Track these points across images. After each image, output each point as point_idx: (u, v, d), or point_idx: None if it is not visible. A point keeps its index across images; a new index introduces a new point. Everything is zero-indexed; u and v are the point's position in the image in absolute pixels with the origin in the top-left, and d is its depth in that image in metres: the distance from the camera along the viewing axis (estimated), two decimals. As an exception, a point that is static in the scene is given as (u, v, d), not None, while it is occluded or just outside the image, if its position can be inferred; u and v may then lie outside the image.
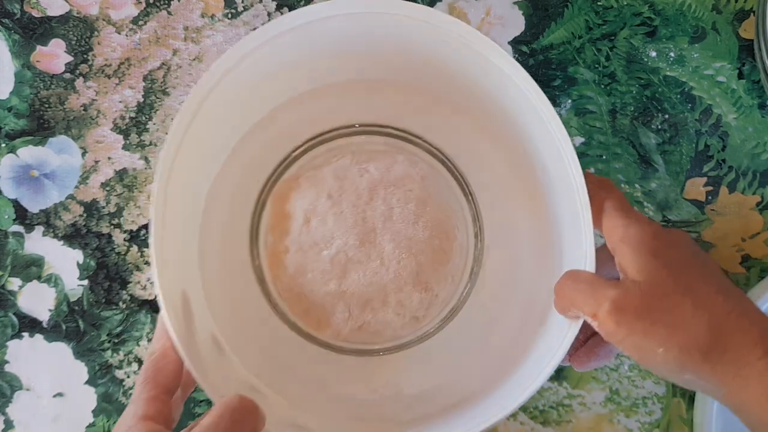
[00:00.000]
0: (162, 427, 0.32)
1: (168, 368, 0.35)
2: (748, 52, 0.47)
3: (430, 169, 0.43)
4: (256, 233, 0.43)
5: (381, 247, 0.41)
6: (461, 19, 0.47)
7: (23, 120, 0.48)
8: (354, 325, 0.41)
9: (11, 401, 0.47)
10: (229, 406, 0.32)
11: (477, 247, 0.43)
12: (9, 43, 0.48)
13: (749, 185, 0.47)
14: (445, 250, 0.42)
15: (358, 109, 0.42)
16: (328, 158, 0.43)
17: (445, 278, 0.42)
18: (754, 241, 0.47)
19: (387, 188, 0.41)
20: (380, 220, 0.41)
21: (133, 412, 0.32)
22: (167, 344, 0.35)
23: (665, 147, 0.47)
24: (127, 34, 0.48)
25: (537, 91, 0.36)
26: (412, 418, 0.39)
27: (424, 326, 0.42)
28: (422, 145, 0.43)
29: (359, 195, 0.41)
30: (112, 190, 0.47)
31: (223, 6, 0.48)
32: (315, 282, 0.41)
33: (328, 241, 0.41)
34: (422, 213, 0.41)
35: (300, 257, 0.41)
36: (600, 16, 0.47)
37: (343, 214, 0.41)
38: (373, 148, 0.43)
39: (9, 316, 0.47)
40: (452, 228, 0.42)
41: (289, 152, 0.43)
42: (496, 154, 0.41)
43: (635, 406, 0.46)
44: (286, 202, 0.42)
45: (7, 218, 0.47)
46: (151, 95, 0.48)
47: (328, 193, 0.41)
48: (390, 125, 0.43)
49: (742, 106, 0.47)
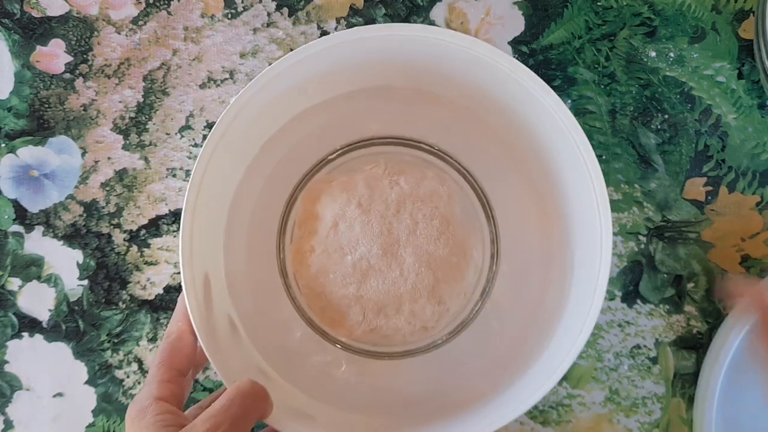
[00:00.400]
0: (175, 408, 0.34)
1: (183, 351, 0.36)
2: (748, 52, 0.47)
3: (457, 188, 0.44)
4: (284, 227, 0.44)
5: (402, 258, 0.42)
6: (461, 19, 0.47)
7: (23, 120, 0.48)
8: (366, 328, 0.43)
9: (11, 401, 0.47)
10: (241, 390, 0.34)
11: (491, 269, 0.44)
12: (9, 43, 0.48)
13: (749, 185, 0.47)
14: (462, 268, 0.43)
15: (395, 120, 0.44)
16: (361, 164, 0.44)
17: (459, 294, 0.43)
18: (754, 241, 0.47)
19: (415, 203, 0.43)
20: (405, 233, 0.43)
21: (147, 393, 0.34)
22: (183, 327, 0.37)
23: (665, 147, 0.47)
24: (127, 34, 0.48)
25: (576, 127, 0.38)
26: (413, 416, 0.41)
27: (432, 336, 0.44)
28: (452, 164, 0.45)
29: (388, 206, 0.43)
30: (111, 190, 0.47)
31: (223, 6, 0.48)
32: (335, 283, 0.43)
33: (353, 246, 0.42)
34: (445, 230, 0.43)
35: (324, 259, 0.43)
36: (600, 17, 0.47)
37: (370, 222, 0.42)
38: (405, 159, 0.44)
39: (9, 316, 0.47)
40: (471, 248, 0.44)
41: (325, 155, 0.44)
42: (523, 183, 0.43)
43: (635, 406, 0.46)
44: (316, 202, 0.43)
45: (7, 218, 0.47)
46: (150, 95, 0.48)
47: (359, 200, 0.43)
48: (423, 141, 0.44)
49: (742, 106, 0.47)
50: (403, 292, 0.42)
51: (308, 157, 0.44)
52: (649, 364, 0.46)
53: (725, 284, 0.45)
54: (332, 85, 0.41)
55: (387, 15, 0.47)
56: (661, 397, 0.46)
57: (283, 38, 0.48)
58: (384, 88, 0.42)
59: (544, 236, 0.42)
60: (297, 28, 0.48)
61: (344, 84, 0.41)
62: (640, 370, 0.46)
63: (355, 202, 0.43)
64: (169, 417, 0.33)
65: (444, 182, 0.44)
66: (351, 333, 0.43)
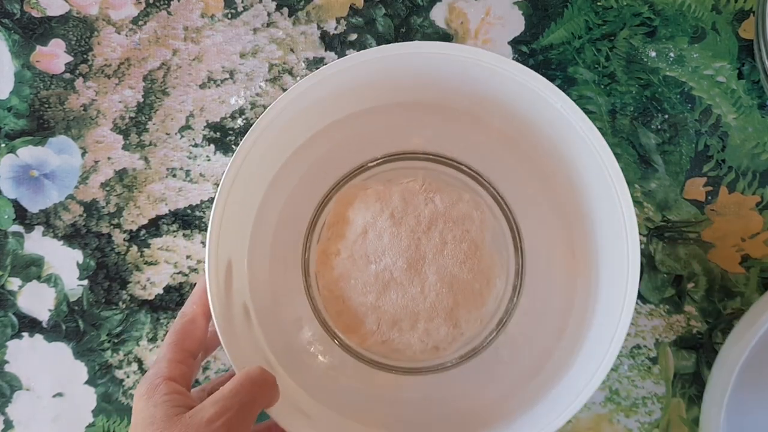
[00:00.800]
0: (184, 388, 0.34)
1: (195, 334, 0.37)
2: (748, 52, 0.47)
3: (490, 215, 0.44)
4: (313, 226, 0.44)
5: (425, 276, 0.42)
6: (461, 19, 0.47)
7: (23, 120, 0.48)
8: (379, 339, 0.43)
9: (11, 401, 0.47)
10: (250, 376, 0.34)
11: (512, 300, 0.44)
12: (9, 43, 0.48)
13: (749, 185, 0.47)
14: (483, 295, 0.43)
15: (437, 137, 0.44)
16: (399, 176, 0.44)
17: (476, 320, 0.43)
18: (754, 241, 0.46)
19: (446, 223, 0.43)
20: (432, 251, 0.43)
21: (158, 371, 0.34)
22: (198, 310, 0.37)
23: (665, 147, 0.47)
24: (127, 34, 0.48)
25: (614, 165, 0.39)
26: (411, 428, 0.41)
27: (442, 357, 0.44)
28: (489, 190, 0.45)
29: (419, 222, 0.43)
30: (111, 190, 0.47)
31: (223, 6, 0.48)
32: (355, 290, 0.43)
33: (379, 256, 0.43)
34: (472, 255, 0.43)
35: (349, 264, 0.43)
36: (600, 17, 0.47)
37: (399, 235, 0.42)
38: (444, 178, 0.45)
39: (9, 316, 0.47)
40: (495, 276, 0.44)
41: (364, 162, 0.45)
42: (555, 220, 0.43)
43: (635, 406, 0.46)
44: (349, 206, 0.44)
45: (7, 218, 0.47)
46: (150, 95, 0.48)
47: (392, 212, 0.43)
48: (464, 163, 0.45)
49: (742, 107, 0.47)
50: (420, 309, 0.42)
51: (347, 161, 0.44)
52: (649, 364, 0.46)
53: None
54: (380, 94, 0.41)
55: (387, 15, 0.47)
56: (661, 397, 0.46)
57: (283, 38, 0.48)
58: (430, 104, 0.42)
59: (569, 278, 0.42)
60: (297, 28, 0.48)
61: (392, 94, 0.42)
62: (640, 370, 0.46)
63: (387, 212, 0.43)
64: (178, 397, 0.33)
65: (479, 207, 0.44)
66: (363, 341, 0.43)
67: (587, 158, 0.39)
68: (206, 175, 0.47)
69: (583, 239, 0.41)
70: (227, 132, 0.47)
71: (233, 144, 0.47)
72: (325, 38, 0.48)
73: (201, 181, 0.47)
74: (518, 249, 0.44)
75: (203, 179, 0.47)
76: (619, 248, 0.39)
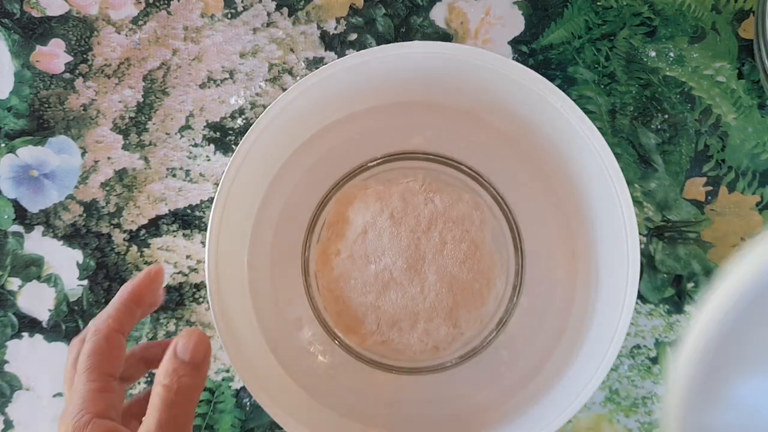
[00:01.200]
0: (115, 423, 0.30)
1: (113, 354, 0.32)
2: (748, 52, 0.47)
3: (490, 215, 0.44)
4: (313, 225, 0.44)
5: (425, 276, 0.42)
6: (461, 19, 0.47)
7: (23, 120, 0.48)
8: (378, 339, 0.43)
9: (11, 401, 0.47)
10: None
11: (512, 300, 0.44)
12: (9, 43, 0.48)
13: (749, 185, 0.47)
14: (483, 295, 0.43)
15: (438, 138, 0.44)
16: (399, 176, 0.44)
17: (475, 320, 0.43)
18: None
19: (446, 223, 0.43)
20: (431, 251, 0.43)
21: (81, 407, 0.30)
22: (114, 325, 0.33)
23: (665, 147, 0.47)
24: (127, 34, 0.48)
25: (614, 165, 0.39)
26: None
27: (442, 357, 0.44)
28: (489, 190, 0.45)
29: (419, 222, 0.43)
30: (111, 190, 0.47)
31: (223, 6, 0.48)
32: (355, 290, 0.43)
33: (379, 256, 0.43)
34: (472, 255, 0.43)
35: (348, 264, 0.43)
36: (600, 16, 0.47)
37: (399, 235, 0.43)
38: (444, 178, 0.45)
39: (9, 316, 0.47)
40: (495, 276, 0.44)
41: (364, 162, 0.45)
42: (555, 221, 0.43)
43: (635, 406, 0.46)
44: (349, 206, 0.44)
45: (7, 218, 0.47)
46: (150, 95, 0.48)
47: (392, 212, 0.43)
48: (464, 163, 0.45)
49: (742, 106, 0.47)
50: (420, 309, 0.42)
51: (347, 161, 0.44)
52: (649, 364, 0.46)
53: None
54: (380, 94, 0.42)
55: (387, 15, 0.47)
56: (661, 397, 0.46)
57: (283, 38, 0.48)
58: (431, 104, 0.42)
59: (569, 278, 0.42)
60: (297, 28, 0.48)
61: (392, 94, 0.42)
62: (640, 370, 0.46)
63: (387, 212, 0.43)
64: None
65: (478, 207, 0.44)
66: (362, 341, 0.43)
67: (587, 158, 0.39)
68: (206, 175, 0.47)
69: (583, 239, 0.41)
70: (227, 132, 0.47)
71: (233, 144, 0.47)
72: (325, 38, 0.48)
73: (201, 181, 0.47)
74: (518, 249, 0.44)
75: (203, 179, 0.47)
76: (619, 248, 0.39)
